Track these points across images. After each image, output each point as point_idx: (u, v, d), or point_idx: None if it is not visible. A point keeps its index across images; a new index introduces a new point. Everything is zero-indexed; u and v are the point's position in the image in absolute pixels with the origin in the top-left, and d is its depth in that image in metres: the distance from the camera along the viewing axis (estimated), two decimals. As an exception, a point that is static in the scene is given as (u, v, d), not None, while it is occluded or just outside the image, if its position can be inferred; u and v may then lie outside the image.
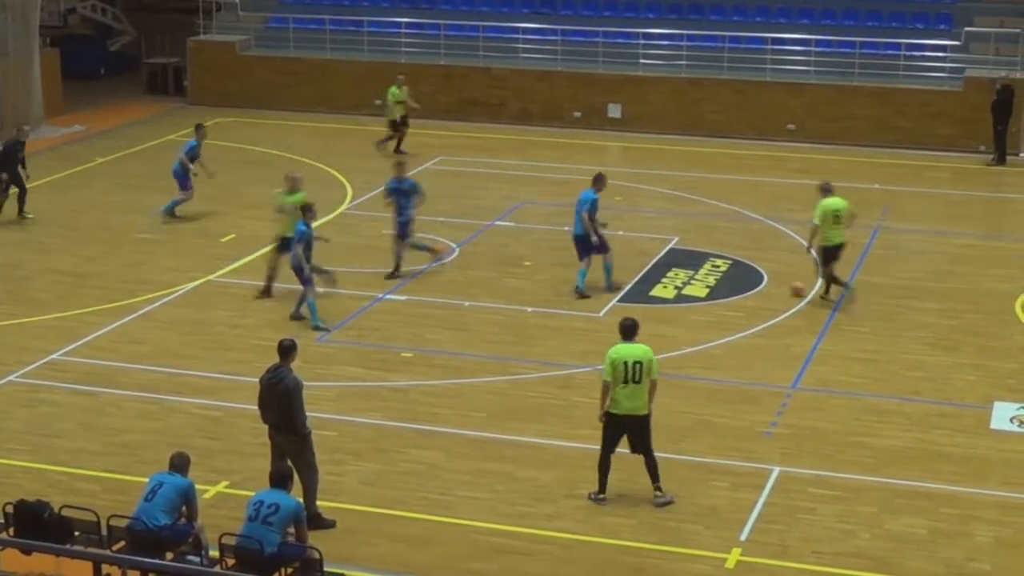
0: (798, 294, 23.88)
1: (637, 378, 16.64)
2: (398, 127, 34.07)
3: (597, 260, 24.33)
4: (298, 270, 22.70)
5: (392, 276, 24.95)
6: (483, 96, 36.97)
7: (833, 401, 20.13)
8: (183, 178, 28.69)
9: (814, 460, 18.22)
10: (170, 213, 28.62)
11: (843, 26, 37.91)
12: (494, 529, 16.50)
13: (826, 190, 23.96)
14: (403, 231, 25.01)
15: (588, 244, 24.23)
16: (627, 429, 16.90)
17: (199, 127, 29.44)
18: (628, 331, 16.98)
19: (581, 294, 24.17)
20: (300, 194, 23.67)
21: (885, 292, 24.59)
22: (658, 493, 17.07)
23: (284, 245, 23.48)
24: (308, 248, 22.51)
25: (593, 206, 24.06)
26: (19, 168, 28.41)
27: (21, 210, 28.57)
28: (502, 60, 38.45)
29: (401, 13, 40.54)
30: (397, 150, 33.65)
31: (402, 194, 25.00)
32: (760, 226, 28.66)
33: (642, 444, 16.98)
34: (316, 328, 22.58)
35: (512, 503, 17.11)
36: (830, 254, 23.67)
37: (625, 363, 16.64)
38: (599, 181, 24.47)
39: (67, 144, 35.73)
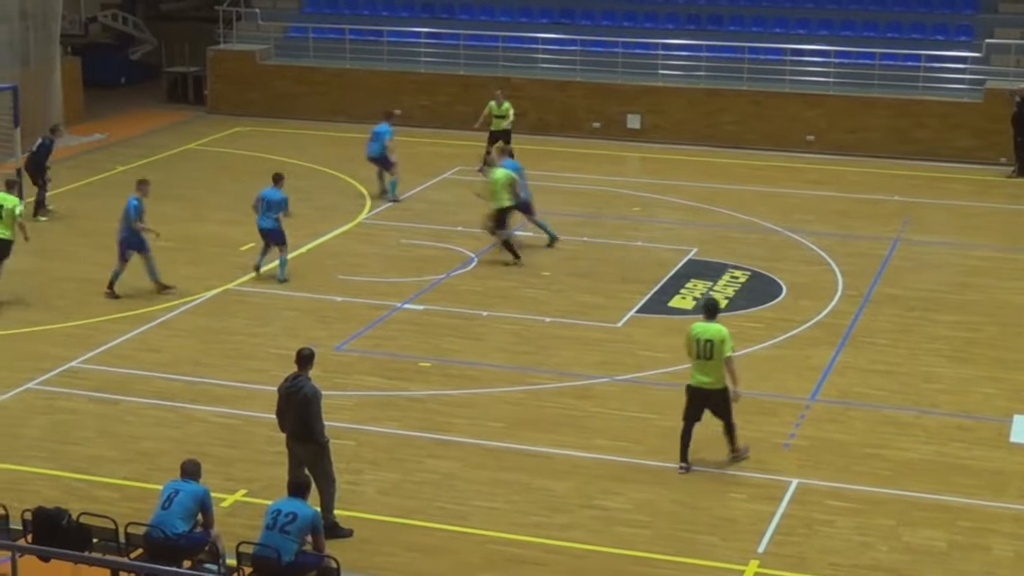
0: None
1: (708, 354, 17.76)
2: (496, 139, 32.96)
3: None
4: (279, 233, 25.18)
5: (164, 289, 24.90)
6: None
7: (851, 413, 20.10)
8: (386, 159, 30.80)
9: (832, 472, 18.19)
10: (394, 197, 30.92)
11: (863, 37, 37.88)
12: (509, 539, 16.50)
13: (491, 164, 27.38)
14: (146, 247, 24.77)
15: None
16: (705, 401, 18.01)
17: (390, 113, 31.87)
18: (707, 310, 18.29)
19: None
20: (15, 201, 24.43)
21: (903, 304, 24.55)
22: (733, 453, 18.33)
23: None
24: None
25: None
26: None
27: (39, 210, 29.16)
28: (521, 70, 38.49)
29: (420, 23, 40.62)
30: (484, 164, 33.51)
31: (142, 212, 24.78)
32: (778, 237, 28.64)
33: (719, 414, 18.15)
34: (283, 280, 25.23)
35: (527, 513, 17.11)
36: (503, 216, 26.48)
37: (697, 340, 17.84)
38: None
39: (87, 152, 35.83)
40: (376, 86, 39.06)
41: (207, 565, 14.64)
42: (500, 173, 26.68)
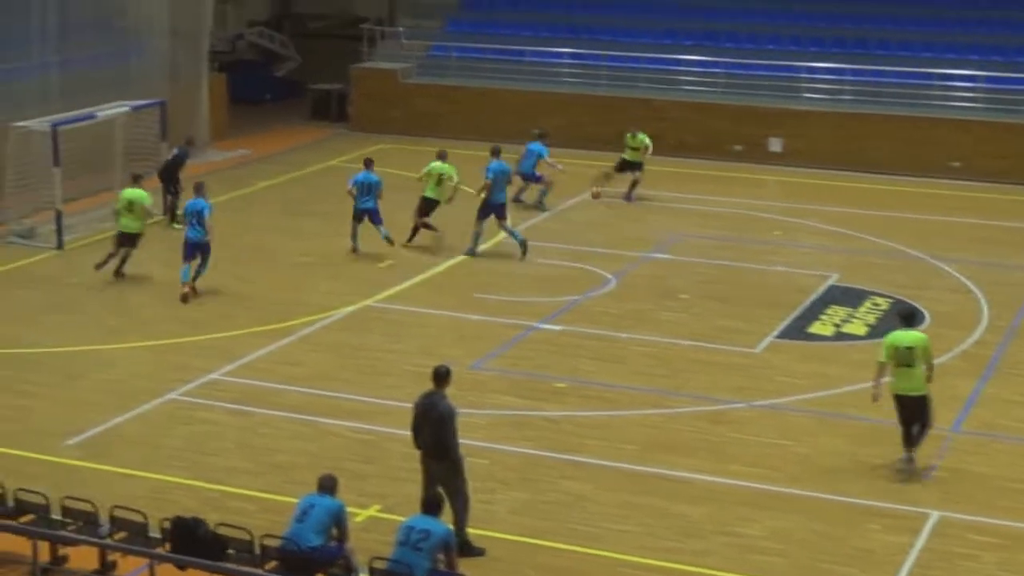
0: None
1: (909, 362, 18.24)
2: (625, 168, 33.03)
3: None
4: (378, 212, 27.93)
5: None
6: (642, 128, 36.82)
7: (995, 446, 19.66)
8: (534, 176, 32.01)
9: (974, 505, 17.79)
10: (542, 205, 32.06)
11: (1014, 62, 37.12)
12: (641, 563, 16.35)
13: (441, 156, 29.17)
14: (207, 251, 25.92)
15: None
16: (905, 407, 18.41)
17: (543, 134, 32.75)
18: (905, 318, 18.94)
19: None
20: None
21: (1051, 335, 24.03)
22: (907, 456, 18.55)
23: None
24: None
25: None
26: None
27: (174, 218, 29.71)
28: (662, 92, 38.32)
29: (562, 43, 40.64)
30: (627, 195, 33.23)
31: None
32: (922, 265, 28.18)
33: (916, 418, 18.51)
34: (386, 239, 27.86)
35: (661, 537, 16.95)
36: (429, 205, 28.76)
37: (897, 347, 18.31)
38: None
39: (231, 168, 36.34)
40: (516, 106, 39.13)
41: (340, 579, 14.70)
42: (435, 165, 28.91)
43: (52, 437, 19.56)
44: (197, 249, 25.54)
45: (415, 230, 28.76)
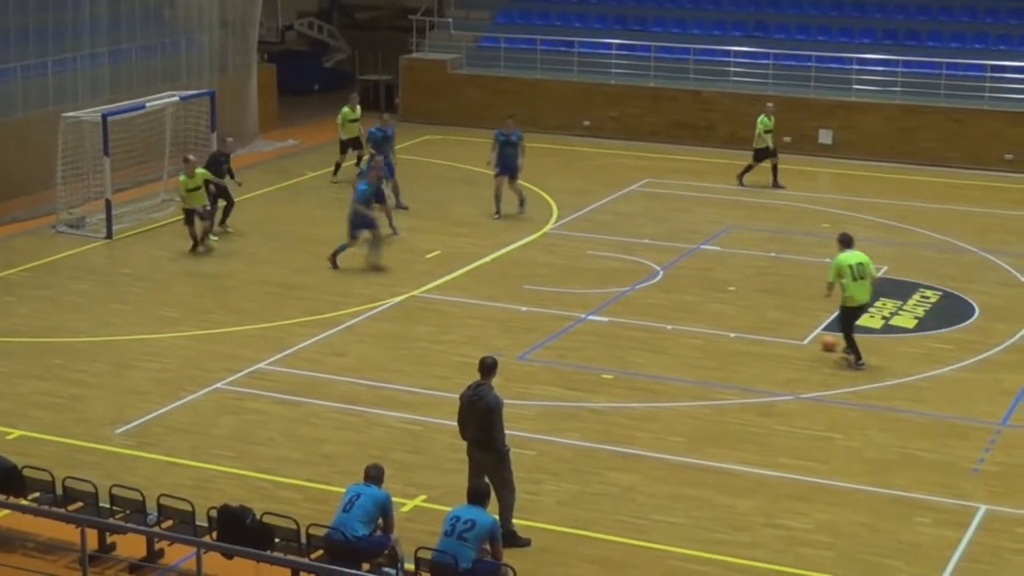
0: (829, 349, 22.22)
1: (862, 275, 21.51)
2: (763, 157, 33.18)
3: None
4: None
5: None
6: (692, 119, 36.75)
7: (1045, 440, 19.52)
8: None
9: (1022, 500, 17.64)
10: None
11: (1067, 54, 36.86)
12: (690, 555, 16.31)
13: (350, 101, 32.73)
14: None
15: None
16: (859, 314, 21.95)
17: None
18: (847, 242, 21.93)
19: None
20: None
21: (1103, 329, 23.80)
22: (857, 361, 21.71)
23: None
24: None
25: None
26: (226, 179, 29.05)
27: (223, 221, 29.07)
28: (712, 83, 38.20)
29: (612, 34, 40.56)
30: (774, 183, 33.15)
31: None
32: (972, 258, 27.96)
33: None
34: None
35: (709, 530, 16.90)
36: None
37: (851, 266, 21.50)
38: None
39: (280, 158, 36.46)
40: (566, 97, 39.09)
41: (385, 569, 14.72)
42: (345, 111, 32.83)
43: (101, 425, 19.70)
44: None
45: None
